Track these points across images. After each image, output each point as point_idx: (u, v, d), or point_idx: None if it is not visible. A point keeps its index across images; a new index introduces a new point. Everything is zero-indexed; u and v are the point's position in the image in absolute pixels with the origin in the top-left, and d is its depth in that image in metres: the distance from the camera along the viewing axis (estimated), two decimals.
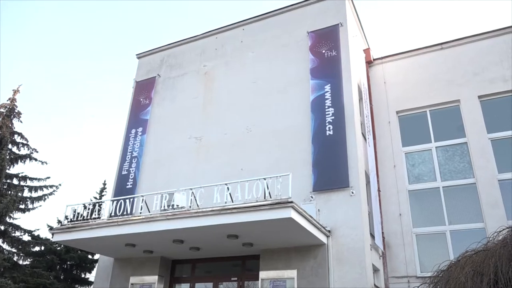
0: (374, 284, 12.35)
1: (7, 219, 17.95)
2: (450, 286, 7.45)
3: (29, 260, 19.02)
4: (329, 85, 14.51)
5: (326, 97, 14.35)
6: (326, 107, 14.17)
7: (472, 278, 7.07)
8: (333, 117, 13.89)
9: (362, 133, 14.55)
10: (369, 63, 17.80)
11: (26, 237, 18.77)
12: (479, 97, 15.33)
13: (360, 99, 15.44)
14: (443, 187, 14.76)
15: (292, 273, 12.10)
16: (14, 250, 18.26)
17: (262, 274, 12.49)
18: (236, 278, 13.65)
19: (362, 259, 11.76)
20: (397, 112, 16.57)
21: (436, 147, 15.49)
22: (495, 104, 15.14)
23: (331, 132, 13.69)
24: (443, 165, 15.15)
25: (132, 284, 14.30)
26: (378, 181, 15.03)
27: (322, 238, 11.98)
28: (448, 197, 14.55)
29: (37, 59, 70.01)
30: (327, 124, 13.86)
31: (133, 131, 17.96)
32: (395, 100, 16.70)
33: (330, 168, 13.22)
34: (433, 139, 15.67)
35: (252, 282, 13.34)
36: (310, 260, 12.10)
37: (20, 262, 18.48)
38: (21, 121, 20.25)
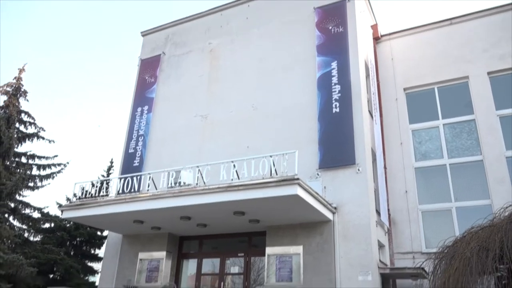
0: (380, 260, 12.48)
1: (17, 197, 18.23)
2: (455, 262, 7.50)
3: (39, 236, 19.38)
4: (336, 62, 14.34)
5: (332, 74, 14.21)
6: (333, 84, 14.04)
7: (477, 253, 7.12)
8: (339, 94, 13.78)
9: (368, 110, 14.45)
10: (377, 39, 17.53)
11: (36, 214, 19.10)
12: (489, 73, 15.12)
13: (367, 76, 15.28)
14: (449, 164, 14.73)
15: (298, 249, 12.25)
16: (24, 227, 18.60)
17: (269, 250, 12.66)
18: (242, 254, 13.85)
19: (368, 236, 11.86)
20: (405, 89, 16.41)
21: (443, 124, 15.38)
22: (504, 81, 14.93)
23: (337, 110, 13.61)
24: (450, 142, 15.08)
25: (140, 259, 14.57)
26: (384, 158, 15.01)
27: (328, 214, 12.06)
28: (454, 174, 14.54)
29: (41, 39, 69.72)
30: (333, 101, 13.77)
31: (139, 109, 17.96)
32: (403, 77, 16.52)
33: (336, 145, 13.20)
34: (441, 116, 15.55)
35: (258, 257, 13.54)
36: (316, 237, 12.22)
37: (31, 238, 18.86)
38: (27, 100, 20.29)
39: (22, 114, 20.09)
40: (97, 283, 17.47)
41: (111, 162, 22.89)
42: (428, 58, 16.32)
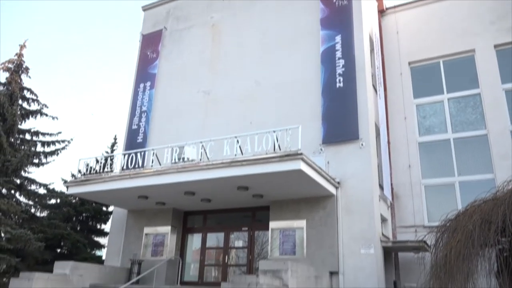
0: (382, 234, 12.61)
1: (22, 173, 18.36)
2: (457, 235, 7.56)
3: (46, 212, 19.59)
4: (340, 35, 14.13)
5: (336, 48, 14.02)
6: (337, 58, 13.88)
7: (480, 226, 7.16)
8: (343, 69, 13.63)
9: (373, 85, 14.32)
10: (382, 12, 17.21)
11: (42, 191, 19.24)
12: (495, 46, 14.89)
13: (372, 50, 15.07)
14: (453, 138, 14.69)
15: (302, 223, 12.38)
16: (31, 202, 18.79)
17: (272, 224, 12.80)
18: (246, 228, 14.02)
19: (371, 210, 11.95)
20: (409, 63, 16.22)
21: (448, 98, 15.26)
22: (510, 54, 14.70)
23: (341, 84, 13.49)
24: (454, 117, 15.00)
25: (146, 234, 14.78)
26: (388, 133, 14.97)
27: (331, 189, 12.12)
28: (458, 148, 14.51)
29: (41, 17, 68.90)
30: (337, 76, 13.63)
31: (142, 85, 17.86)
32: (408, 51, 16.30)
33: (339, 120, 13.15)
34: (446, 90, 15.42)
35: (262, 232, 13.71)
36: (319, 211, 12.32)
37: (38, 214, 19.07)
38: (29, 77, 20.16)
39: (25, 91, 20.00)
40: (103, 257, 17.81)
41: (115, 139, 22.92)
42: (434, 31, 16.06)
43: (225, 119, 15.13)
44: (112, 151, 22.30)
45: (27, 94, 20.11)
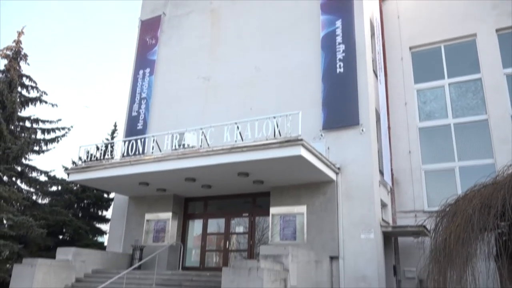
0: (382, 219, 12.68)
1: (23, 161, 18.40)
2: (457, 219, 7.59)
3: (47, 199, 19.68)
4: (340, 20, 14.00)
5: (337, 33, 13.91)
6: (337, 43, 13.77)
7: (479, 210, 7.19)
8: (344, 54, 13.54)
9: (373, 70, 14.24)
10: None
11: (43, 178, 19.31)
12: (497, 30, 14.76)
13: (372, 34, 14.94)
14: (454, 124, 14.67)
15: (302, 209, 12.45)
16: (32, 190, 18.86)
17: (273, 210, 12.87)
18: (247, 214, 14.10)
19: (371, 195, 11.99)
20: (410, 48, 16.10)
21: (449, 83, 15.19)
22: None
23: (341, 70, 13.42)
24: (455, 102, 14.95)
25: (147, 220, 14.87)
26: (388, 118, 14.93)
27: (332, 175, 12.15)
28: (458, 134, 14.50)
29: (40, 5, 68.24)
30: (337, 61, 13.55)
31: (141, 72, 17.77)
32: (409, 35, 16.17)
33: (340, 106, 13.12)
34: (447, 75, 15.33)
35: (262, 217, 13.79)
36: (320, 197, 12.37)
37: (39, 201, 19.17)
38: (28, 64, 20.04)
39: (24, 78, 19.92)
40: (105, 243, 17.96)
41: (115, 126, 22.91)
42: (435, 15, 15.90)
43: (225, 105, 15.09)
44: (113, 138, 22.31)
45: (26, 81, 20.04)
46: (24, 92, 19.96)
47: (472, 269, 7.59)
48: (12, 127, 18.56)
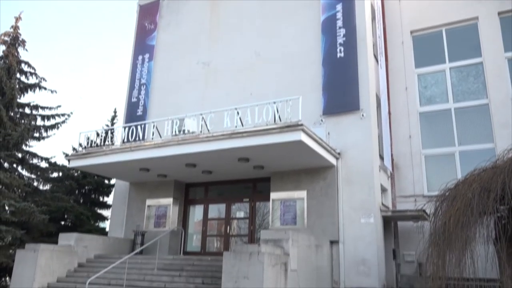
0: (382, 203, 12.74)
1: (24, 147, 18.42)
2: (456, 203, 7.63)
3: (48, 185, 19.77)
4: (341, 4, 13.86)
5: (337, 17, 13.78)
6: (337, 28, 13.66)
7: (479, 194, 7.22)
8: (344, 38, 13.44)
9: (374, 54, 14.15)
10: None
11: (44, 164, 19.35)
12: (499, 13, 14.61)
13: (373, 18, 14.80)
14: (454, 108, 14.63)
15: (302, 194, 12.50)
16: (33, 176, 18.92)
17: (273, 195, 12.93)
18: (247, 200, 14.17)
19: (371, 180, 12.03)
20: (411, 32, 15.95)
21: (450, 68, 15.10)
22: None
23: (342, 54, 13.33)
24: (456, 86, 14.89)
25: (148, 206, 14.96)
26: (389, 103, 14.89)
27: (332, 160, 12.17)
28: (459, 118, 14.48)
29: None
30: (338, 45, 13.45)
31: (140, 57, 17.65)
32: (410, 19, 16.01)
33: (340, 91, 13.07)
34: (448, 59, 15.23)
35: (263, 203, 13.85)
36: (320, 182, 12.41)
37: (40, 187, 19.27)
38: (26, 50, 19.91)
39: (22, 64, 19.81)
40: (107, 229, 18.09)
41: (115, 112, 22.85)
42: None
43: (225, 91, 15.03)
44: (112, 124, 22.29)
45: (25, 68, 19.94)
46: (23, 78, 19.88)
47: (471, 253, 7.66)
48: (12, 114, 18.54)
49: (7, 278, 17.59)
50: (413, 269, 13.47)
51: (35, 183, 19.14)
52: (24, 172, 18.84)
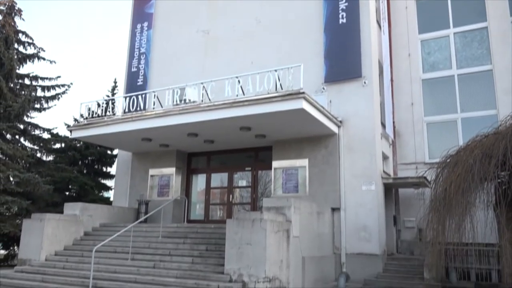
0: (383, 171, 12.81)
1: (25, 118, 18.42)
2: (457, 169, 7.64)
3: (51, 156, 19.86)
4: None
5: None
6: None
7: (480, 160, 7.22)
8: (346, 4, 13.14)
9: (376, 20, 13.87)
10: None
11: (46, 135, 19.38)
12: None
13: None
14: (458, 75, 14.48)
15: (304, 162, 12.57)
16: (36, 147, 18.98)
17: (275, 164, 13.00)
18: (250, 168, 14.26)
19: (372, 148, 12.06)
20: None
21: (454, 33, 14.84)
22: None
23: (344, 20, 13.08)
24: (460, 52, 14.68)
25: (151, 176, 15.09)
26: (391, 70, 14.73)
27: (334, 128, 12.16)
28: (462, 85, 14.36)
29: None
30: (340, 11, 13.17)
31: (139, 26, 17.35)
32: None
33: (342, 58, 12.90)
34: (452, 24, 14.94)
35: (265, 171, 13.95)
36: (322, 150, 12.45)
37: (44, 158, 19.39)
38: (23, 19, 19.55)
39: (20, 34, 19.51)
40: (111, 199, 18.32)
41: (115, 82, 22.66)
42: None
43: (226, 59, 14.85)
44: (113, 94, 22.15)
45: (23, 38, 19.66)
46: (21, 48, 19.63)
47: (471, 218, 7.75)
48: (12, 85, 18.42)
49: (15, 247, 17.99)
50: (413, 235, 13.70)
51: (38, 154, 19.24)
52: (27, 143, 18.92)
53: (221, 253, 9.36)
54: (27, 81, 19.52)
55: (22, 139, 18.72)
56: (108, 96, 21.71)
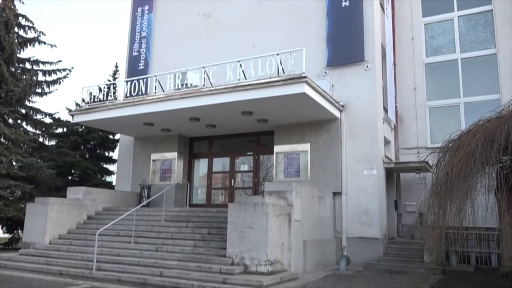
0: (385, 155, 12.81)
1: (27, 103, 18.38)
2: (459, 153, 7.64)
3: (54, 141, 19.89)
4: None
5: None
6: None
7: (482, 144, 7.21)
8: None
9: (380, 3, 13.69)
10: None
11: (48, 120, 19.36)
12: None
13: None
14: (461, 59, 14.36)
15: (306, 147, 12.57)
16: (38, 132, 19.00)
17: (277, 148, 13.01)
18: (251, 153, 14.27)
19: (374, 132, 12.04)
20: None
21: (458, 16, 14.66)
22: None
23: (347, 3, 12.92)
24: (464, 36, 14.52)
25: (153, 160, 15.13)
26: (394, 54, 14.61)
27: (336, 112, 12.12)
28: (465, 69, 14.25)
29: None
30: None
31: (140, 9, 17.18)
32: None
33: (345, 42, 12.79)
34: (456, 7, 14.76)
35: (266, 156, 13.97)
36: (323, 134, 12.44)
37: (46, 143, 19.42)
38: (22, 3, 19.30)
39: (20, 18, 19.32)
40: (114, 183, 18.41)
41: (116, 66, 22.56)
42: None
43: (227, 43, 14.74)
44: (114, 79, 22.07)
45: (23, 21, 19.48)
46: (21, 32, 19.46)
47: (472, 202, 7.77)
48: (13, 69, 18.33)
49: (19, 231, 18.16)
50: (414, 219, 13.77)
51: (41, 139, 19.26)
52: (29, 128, 18.91)
53: (223, 237, 9.45)
54: (28, 66, 19.41)
55: (24, 124, 18.72)
56: (109, 80, 21.64)
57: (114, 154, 21.57)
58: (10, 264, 10.44)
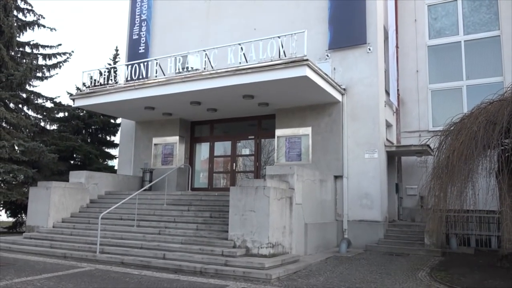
0: (386, 139, 12.80)
1: (27, 87, 18.34)
2: (461, 136, 7.63)
3: (55, 125, 19.93)
4: None
5: None
6: None
7: (484, 127, 7.19)
8: None
9: None
10: None
11: (49, 104, 19.35)
12: None
13: None
14: (464, 41, 14.20)
15: (307, 130, 12.56)
16: (39, 116, 19.01)
17: (278, 132, 13.01)
18: (253, 137, 14.28)
19: (376, 116, 12.01)
20: None
21: None
22: None
23: None
24: (467, 17, 14.34)
25: (155, 144, 15.16)
26: (397, 37, 14.46)
27: (337, 96, 12.07)
28: (468, 51, 14.11)
29: None
30: None
31: None
32: None
33: (347, 24, 12.65)
34: None
35: (268, 140, 13.97)
36: (325, 118, 12.41)
37: (47, 127, 19.44)
38: None
39: (19, 1, 19.14)
40: (116, 167, 18.48)
41: (117, 50, 22.44)
42: None
43: (228, 26, 14.60)
44: (115, 62, 21.98)
45: (22, 4, 19.30)
46: (20, 16, 19.31)
47: (473, 185, 7.80)
48: (13, 53, 18.23)
49: (23, 215, 18.33)
50: (415, 202, 13.83)
51: (42, 123, 19.27)
52: (30, 112, 18.92)
53: (225, 220, 9.52)
54: (28, 49, 19.32)
55: (25, 108, 18.71)
56: (109, 64, 21.55)
57: (116, 139, 21.63)
58: (15, 247, 10.57)
